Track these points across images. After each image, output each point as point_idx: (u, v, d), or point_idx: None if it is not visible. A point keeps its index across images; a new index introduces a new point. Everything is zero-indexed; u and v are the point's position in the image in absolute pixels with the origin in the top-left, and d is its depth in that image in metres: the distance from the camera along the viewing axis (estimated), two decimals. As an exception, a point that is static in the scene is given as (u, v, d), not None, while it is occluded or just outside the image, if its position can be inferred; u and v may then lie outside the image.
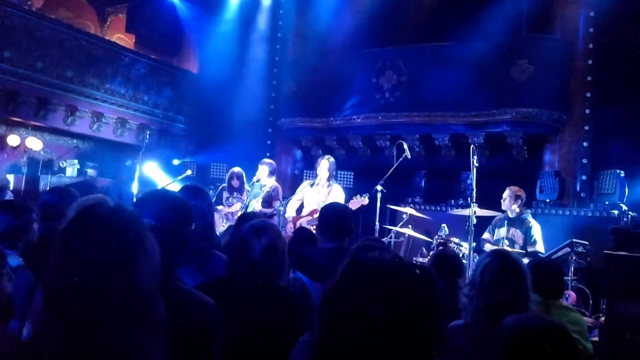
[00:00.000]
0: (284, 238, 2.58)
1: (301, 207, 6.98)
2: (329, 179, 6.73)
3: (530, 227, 6.12)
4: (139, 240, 1.23)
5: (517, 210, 6.26)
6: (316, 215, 5.65)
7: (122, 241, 1.20)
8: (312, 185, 6.81)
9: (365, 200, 6.42)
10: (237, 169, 7.67)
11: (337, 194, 6.61)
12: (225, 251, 3.01)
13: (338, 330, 1.16)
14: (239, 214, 7.02)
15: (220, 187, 7.86)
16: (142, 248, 1.22)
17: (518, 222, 6.21)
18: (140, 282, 1.19)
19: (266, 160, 7.44)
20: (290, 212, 6.94)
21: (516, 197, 6.23)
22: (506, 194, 6.29)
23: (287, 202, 6.97)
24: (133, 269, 1.19)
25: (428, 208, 8.53)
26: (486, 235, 6.51)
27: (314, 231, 4.22)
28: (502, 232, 6.25)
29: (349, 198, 6.56)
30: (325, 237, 3.43)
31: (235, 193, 7.53)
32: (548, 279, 3.16)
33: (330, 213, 3.51)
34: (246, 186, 7.46)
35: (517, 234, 6.14)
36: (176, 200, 2.07)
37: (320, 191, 6.71)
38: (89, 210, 1.26)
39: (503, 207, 6.33)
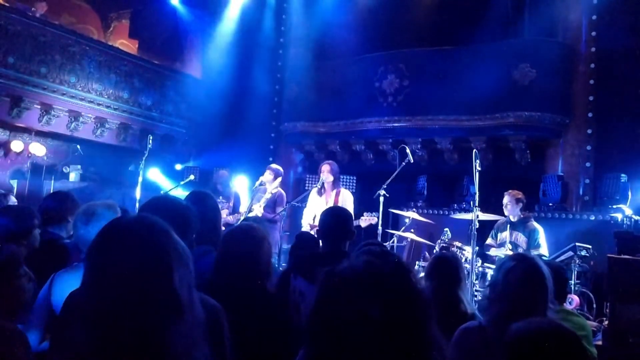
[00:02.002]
0: (268, 242, 2.57)
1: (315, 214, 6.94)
2: (334, 183, 6.69)
3: (533, 231, 6.09)
4: (170, 246, 1.22)
5: (521, 214, 6.24)
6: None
7: (153, 249, 1.20)
8: (319, 192, 6.74)
9: (374, 219, 6.40)
10: (221, 172, 7.51)
11: (346, 200, 6.57)
12: None
13: (326, 342, 1.17)
14: (230, 218, 7.02)
15: None
16: (174, 253, 1.22)
17: (521, 225, 6.19)
18: (177, 287, 1.19)
19: (273, 165, 7.35)
20: (307, 220, 6.83)
21: (517, 201, 6.20)
22: (506, 200, 6.24)
23: (291, 207, 6.93)
24: (169, 275, 1.18)
25: (431, 212, 8.51)
26: (489, 240, 6.48)
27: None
28: (505, 236, 6.23)
29: (358, 210, 6.51)
30: (325, 240, 3.42)
31: (220, 197, 7.43)
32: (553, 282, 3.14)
33: (330, 217, 3.49)
34: (231, 189, 7.37)
35: (520, 238, 6.12)
36: (178, 205, 2.09)
37: (329, 198, 6.66)
38: (114, 223, 1.27)
39: (506, 214, 6.29)
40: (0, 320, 1.93)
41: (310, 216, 6.87)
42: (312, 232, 6.60)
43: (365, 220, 6.32)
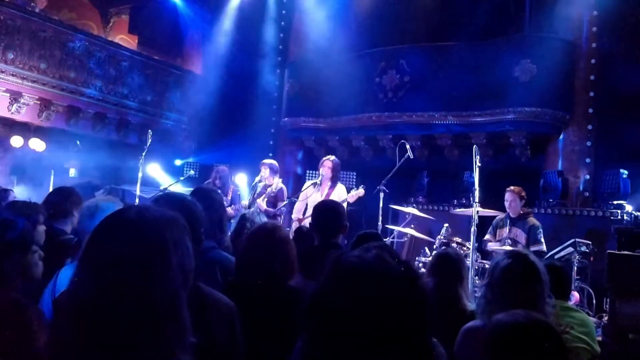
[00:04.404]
0: (292, 241, 2.58)
1: (307, 207, 6.95)
2: (332, 179, 6.70)
3: (533, 227, 6.09)
4: (168, 243, 1.21)
5: (520, 210, 6.23)
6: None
7: (149, 244, 1.19)
8: (315, 185, 6.78)
9: (361, 191, 6.42)
10: (220, 167, 7.44)
11: (340, 195, 6.59)
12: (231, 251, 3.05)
13: (326, 332, 1.16)
14: (229, 209, 7.00)
15: None
16: (172, 251, 1.20)
17: (520, 221, 6.18)
18: (173, 284, 1.19)
19: (267, 161, 7.35)
20: (297, 213, 6.89)
21: (521, 199, 6.18)
22: (510, 197, 6.18)
23: (291, 203, 6.94)
24: (166, 269, 1.18)
25: (431, 208, 8.52)
26: (487, 236, 6.47)
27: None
28: (504, 232, 6.23)
29: (358, 207, 6.53)
30: (318, 234, 3.45)
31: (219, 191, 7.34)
32: (554, 280, 3.14)
33: (322, 210, 3.53)
34: (232, 186, 7.34)
35: (520, 234, 6.11)
36: (187, 203, 2.10)
37: (324, 192, 6.69)
38: (115, 214, 1.27)
39: (509, 211, 6.26)
40: (15, 294, 1.95)
41: (301, 209, 6.89)
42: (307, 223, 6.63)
43: (353, 197, 6.34)
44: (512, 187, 6.25)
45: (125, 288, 1.14)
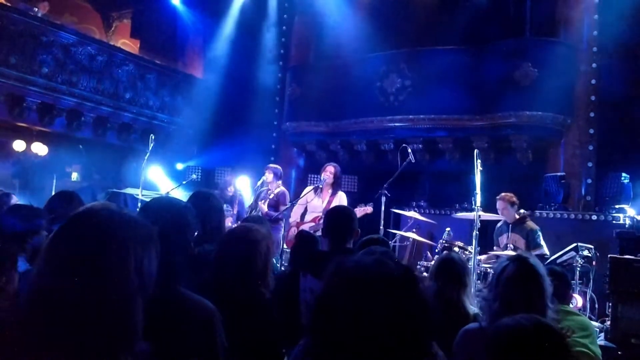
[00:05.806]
0: (267, 245, 2.55)
1: (305, 211, 6.98)
2: (333, 186, 6.73)
3: (531, 231, 6.08)
4: (127, 247, 1.22)
5: (516, 215, 6.23)
6: (320, 221, 5.67)
7: (106, 245, 1.19)
8: (316, 191, 6.81)
9: (369, 209, 6.45)
10: (227, 178, 7.49)
11: (341, 202, 6.61)
12: None
13: (329, 335, 1.17)
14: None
15: None
16: (130, 255, 1.21)
17: (518, 227, 6.18)
18: (114, 287, 1.18)
19: (272, 165, 7.42)
20: (294, 217, 6.94)
21: (512, 204, 6.19)
22: (502, 205, 6.21)
23: (292, 207, 6.97)
24: (115, 275, 1.18)
25: (432, 212, 8.51)
26: (495, 248, 6.48)
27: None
28: (504, 238, 6.23)
29: (353, 205, 6.56)
30: (330, 238, 3.45)
31: (226, 205, 7.38)
32: (554, 284, 3.14)
33: (335, 215, 3.55)
34: (238, 196, 7.37)
35: (518, 239, 6.11)
36: (177, 207, 2.08)
37: (325, 199, 6.72)
38: (85, 212, 1.28)
39: (504, 219, 6.27)
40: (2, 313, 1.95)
41: (299, 212, 6.92)
42: (306, 228, 6.64)
43: (359, 211, 6.36)
44: (501, 194, 6.28)
45: (77, 284, 1.15)
